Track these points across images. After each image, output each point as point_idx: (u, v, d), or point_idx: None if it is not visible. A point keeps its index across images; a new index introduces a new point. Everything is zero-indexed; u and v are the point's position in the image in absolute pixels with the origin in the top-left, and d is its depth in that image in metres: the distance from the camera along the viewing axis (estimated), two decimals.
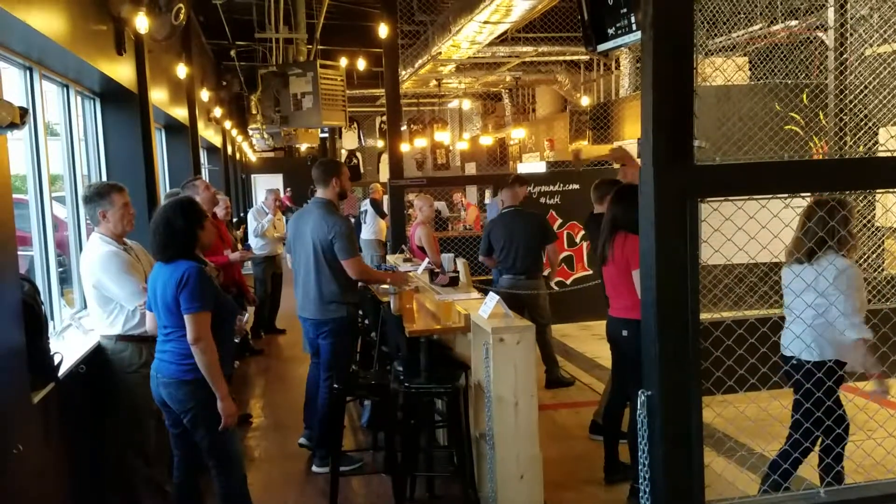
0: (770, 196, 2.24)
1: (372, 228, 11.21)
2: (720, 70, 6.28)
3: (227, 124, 14.78)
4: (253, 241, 8.74)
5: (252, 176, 23.10)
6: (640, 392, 2.18)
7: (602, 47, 4.66)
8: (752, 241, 2.50)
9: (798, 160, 2.40)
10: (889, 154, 3.20)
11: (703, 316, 2.22)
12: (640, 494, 2.28)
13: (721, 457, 4.12)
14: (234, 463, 3.54)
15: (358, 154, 22.78)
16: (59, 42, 4.34)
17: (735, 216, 2.35)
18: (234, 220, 13.50)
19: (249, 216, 9.22)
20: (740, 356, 2.72)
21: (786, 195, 2.29)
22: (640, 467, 2.23)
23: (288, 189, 20.13)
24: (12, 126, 2.85)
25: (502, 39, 11.64)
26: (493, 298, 4.21)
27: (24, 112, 2.89)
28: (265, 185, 17.78)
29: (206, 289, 3.32)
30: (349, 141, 22.49)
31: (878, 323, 3.35)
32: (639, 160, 2.75)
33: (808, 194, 3.39)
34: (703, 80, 6.24)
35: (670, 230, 2.07)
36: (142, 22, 5.73)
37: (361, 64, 12.07)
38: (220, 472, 3.48)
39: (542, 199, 8.94)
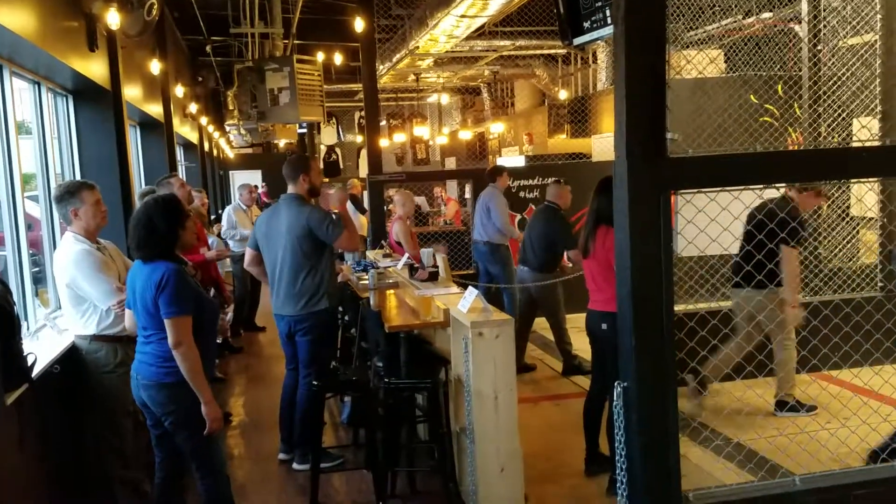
0: (743, 187, 2.26)
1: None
2: (694, 63, 6.30)
3: (204, 120, 14.64)
4: (229, 240, 8.66)
5: (230, 172, 22.86)
6: (616, 383, 2.20)
7: (578, 41, 4.65)
8: (726, 232, 2.52)
9: (770, 151, 2.42)
10: (861, 144, 3.24)
11: (678, 307, 2.24)
12: (618, 485, 2.30)
13: (697, 446, 4.16)
14: (217, 465, 3.50)
15: (337, 149, 22.67)
16: (30, 39, 4.27)
17: (708, 207, 2.37)
18: (213, 217, 13.37)
19: (224, 214, 9.10)
20: (715, 347, 2.75)
21: (759, 186, 2.31)
22: (617, 458, 2.25)
23: (263, 184, 19.94)
24: None
25: (480, 33, 11.65)
26: (472, 293, 4.20)
27: None
28: (243, 182, 17.56)
29: (185, 291, 3.24)
30: (328, 136, 22.37)
31: (851, 312, 3.38)
32: None
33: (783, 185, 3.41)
34: (677, 73, 6.27)
35: (644, 222, 2.09)
36: (113, 18, 5.66)
37: (338, 59, 12.04)
38: (203, 473, 3.43)
39: (522, 193, 8.95)
